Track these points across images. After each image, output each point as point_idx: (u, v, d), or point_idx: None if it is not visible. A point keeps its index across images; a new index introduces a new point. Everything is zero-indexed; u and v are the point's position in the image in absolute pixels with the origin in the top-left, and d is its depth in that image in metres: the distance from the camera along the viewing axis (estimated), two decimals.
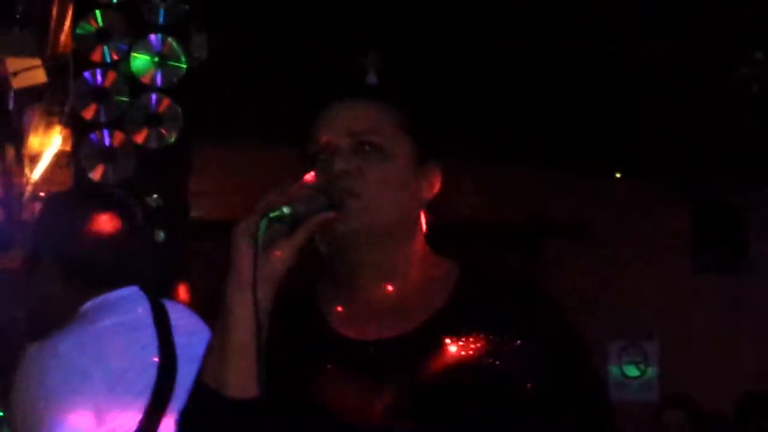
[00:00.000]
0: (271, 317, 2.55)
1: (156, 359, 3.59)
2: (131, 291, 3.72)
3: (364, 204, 2.55)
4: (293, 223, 2.49)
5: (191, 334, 3.69)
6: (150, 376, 3.56)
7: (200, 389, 2.57)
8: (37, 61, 7.27)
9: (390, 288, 2.64)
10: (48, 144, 7.82)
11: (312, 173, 2.55)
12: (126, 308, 3.65)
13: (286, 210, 2.46)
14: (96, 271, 3.68)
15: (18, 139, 8.47)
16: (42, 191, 8.14)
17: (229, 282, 2.50)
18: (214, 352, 2.56)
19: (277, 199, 2.47)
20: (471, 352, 2.55)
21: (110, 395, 3.47)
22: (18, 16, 7.29)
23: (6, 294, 6.60)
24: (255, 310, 2.47)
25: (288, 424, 2.57)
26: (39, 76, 7.35)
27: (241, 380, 2.50)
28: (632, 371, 10.70)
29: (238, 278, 2.49)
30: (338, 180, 2.54)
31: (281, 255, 2.49)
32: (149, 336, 3.62)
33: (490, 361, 2.55)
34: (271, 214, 2.45)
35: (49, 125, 7.64)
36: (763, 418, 7.31)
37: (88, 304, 3.65)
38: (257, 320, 2.47)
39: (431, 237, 2.72)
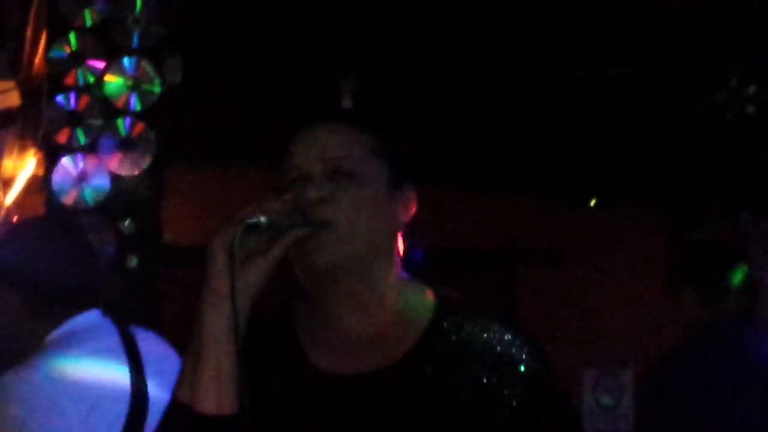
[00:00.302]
0: (246, 339, 2.53)
1: (128, 388, 3.58)
2: (98, 319, 3.73)
3: (339, 234, 2.53)
4: (270, 234, 2.47)
5: (161, 360, 3.71)
6: (123, 405, 3.56)
7: (174, 406, 2.55)
8: (11, 84, 7.24)
9: (366, 319, 2.61)
10: (21, 168, 7.76)
11: (289, 194, 2.54)
12: (95, 337, 3.65)
13: (263, 219, 2.45)
14: (57, 299, 3.64)
15: None
16: (15, 216, 8.07)
17: (204, 295, 2.48)
18: (188, 368, 2.53)
19: (254, 210, 2.46)
20: (448, 388, 2.53)
21: (83, 426, 3.45)
22: None
23: None
24: (231, 324, 2.45)
25: None
26: (12, 99, 7.32)
27: (215, 396, 2.48)
28: (607, 400, 10.69)
29: (214, 291, 2.46)
30: (312, 208, 2.52)
31: (257, 269, 2.48)
32: (120, 365, 3.61)
33: (467, 396, 2.53)
34: (248, 221, 2.43)
35: (22, 149, 7.58)
36: None
37: (55, 333, 3.64)
38: (234, 334, 2.45)
39: (407, 263, 2.70)
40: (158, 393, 3.55)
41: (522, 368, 2.58)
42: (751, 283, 5.49)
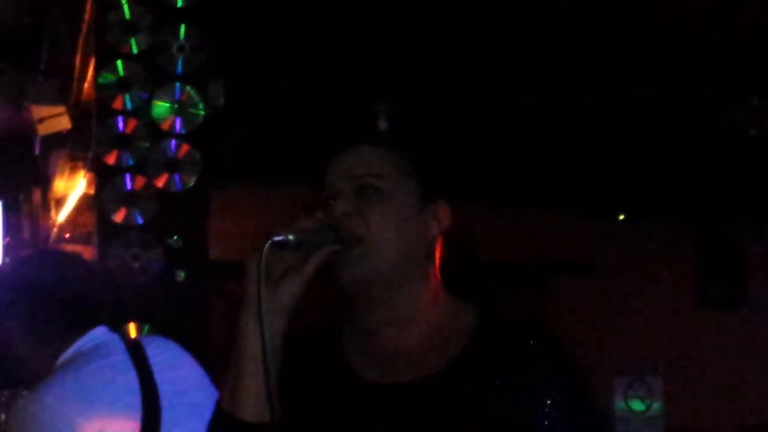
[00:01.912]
0: (294, 351, 2.60)
1: (138, 400, 3.60)
2: (105, 336, 3.73)
3: (367, 248, 2.56)
4: (301, 253, 2.51)
5: (174, 367, 3.73)
6: (135, 418, 3.57)
7: (218, 413, 2.60)
8: (62, 109, 7.32)
9: (403, 331, 2.63)
10: (72, 188, 7.83)
11: (320, 211, 2.57)
12: (103, 354, 3.65)
13: (291, 237, 2.48)
14: (61, 323, 3.68)
15: (44, 183, 8.52)
16: (67, 233, 8.17)
17: (242, 310, 2.54)
18: (230, 378, 2.58)
19: (284, 229, 2.49)
20: (486, 400, 2.55)
21: None
22: (43, 67, 7.36)
23: None
24: (262, 337, 2.48)
25: None
26: (63, 123, 7.40)
27: (255, 404, 2.53)
28: (638, 406, 10.65)
29: (247, 304, 2.52)
30: (341, 222, 2.56)
31: (292, 285, 2.52)
32: (130, 379, 3.62)
33: (505, 410, 2.55)
34: (275, 239, 2.47)
35: (73, 170, 7.67)
36: None
37: (66, 355, 3.66)
38: (265, 347, 2.49)
39: (448, 277, 2.72)
40: (171, 399, 3.61)
41: (560, 386, 2.58)
42: None
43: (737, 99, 7.61)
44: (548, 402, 2.56)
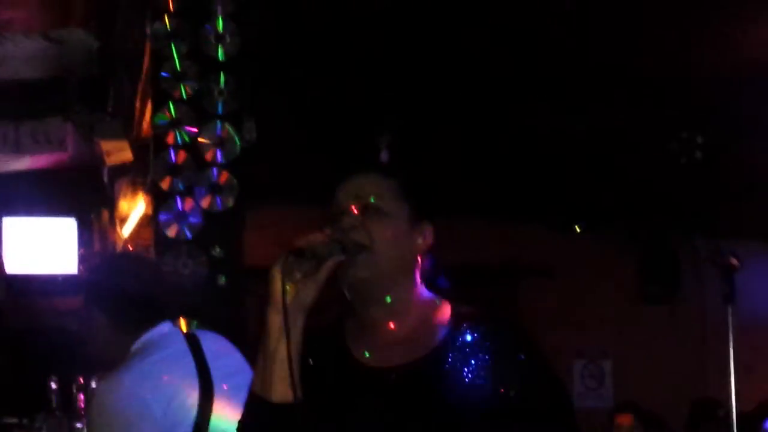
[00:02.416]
0: (308, 343, 2.57)
1: (196, 382, 3.61)
2: (169, 329, 3.76)
3: (369, 254, 2.57)
4: (314, 262, 2.50)
5: (223, 356, 3.75)
6: (194, 397, 3.58)
7: (251, 397, 2.57)
8: (125, 144, 7.31)
9: (396, 324, 2.64)
10: (134, 208, 7.81)
11: (329, 227, 2.57)
12: (167, 344, 3.68)
13: (305, 248, 2.49)
14: (136, 317, 3.69)
15: (111, 204, 8.49)
16: (130, 246, 8.13)
17: (268, 308, 2.52)
18: (260, 365, 2.56)
19: (300, 242, 2.50)
20: (464, 376, 2.55)
21: (165, 416, 3.49)
22: (110, 109, 7.35)
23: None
24: (287, 329, 2.48)
25: (316, 428, 2.55)
26: (126, 155, 7.39)
27: (282, 387, 2.51)
28: (592, 384, 10.64)
29: (273, 304, 2.51)
30: (348, 233, 2.56)
31: (308, 288, 2.51)
32: (189, 365, 3.64)
33: (480, 383, 2.55)
34: (293, 251, 2.48)
35: (134, 193, 7.64)
36: (711, 421, 7.27)
37: (137, 344, 3.68)
38: (289, 337, 2.49)
39: (429, 278, 2.73)
40: (221, 381, 3.62)
41: (522, 360, 2.59)
42: None
43: (670, 132, 7.59)
44: (517, 378, 2.56)
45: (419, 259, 2.69)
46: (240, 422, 2.62)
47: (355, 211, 2.62)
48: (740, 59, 6.72)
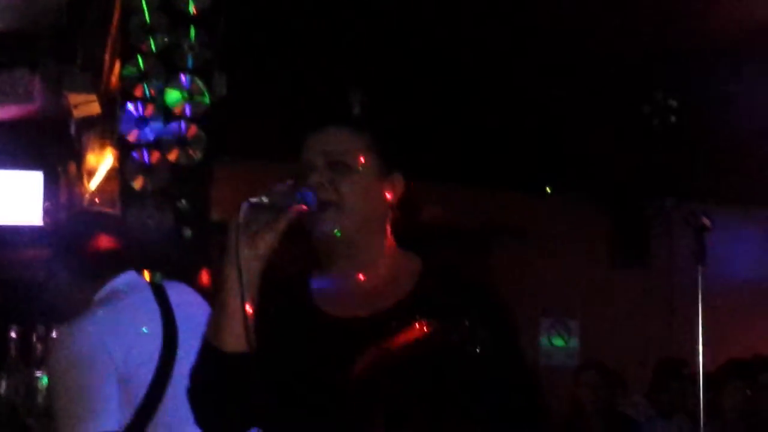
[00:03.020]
0: (270, 294, 2.57)
1: (160, 330, 3.62)
2: (134, 278, 3.77)
3: (339, 210, 2.57)
4: (275, 212, 2.48)
5: (188, 304, 3.74)
6: (157, 344, 3.58)
7: (205, 345, 2.57)
8: (93, 97, 7.25)
9: (364, 275, 2.64)
10: (102, 161, 7.76)
11: (291, 179, 2.56)
12: (131, 292, 3.68)
13: (264, 198, 2.46)
14: (99, 267, 3.70)
15: (78, 157, 8.44)
16: (97, 199, 8.08)
17: (224, 259, 2.50)
18: (214, 316, 2.55)
19: (259, 195, 2.48)
20: (430, 329, 2.55)
21: (125, 362, 3.49)
22: (78, 61, 7.29)
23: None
24: (240, 280, 2.45)
25: (274, 376, 2.56)
26: (95, 108, 7.33)
27: (234, 338, 2.49)
28: (558, 342, 10.68)
29: (229, 255, 2.48)
30: (317, 192, 2.56)
31: (265, 239, 2.48)
32: (153, 313, 3.64)
33: (445, 336, 2.55)
34: (251, 200, 2.45)
35: (102, 147, 7.59)
36: (676, 380, 7.31)
37: (101, 293, 3.69)
38: (242, 289, 2.45)
39: (403, 239, 2.73)
40: (186, 332, 3.60)
41: (488, 314, 2.61)
42: None
43: (644, 94, 7.60)
44: (481, 333, 2.57)
45: (390, 211, 2.69)
46: (192, 369, 2.61)
47: (322, 168, 2.60)
48: (711, 30, 6.74)
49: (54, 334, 4.73)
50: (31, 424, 5.31)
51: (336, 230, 2.58)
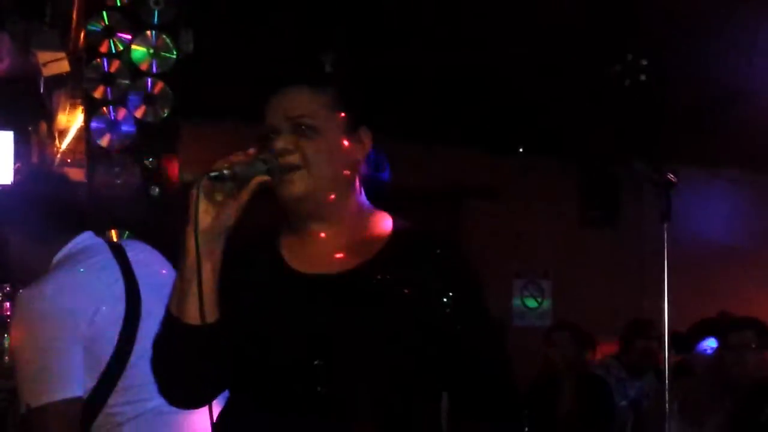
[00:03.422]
0: (235, 257, 2.51)
1: (123, 292, 3.51)
2: (91, 239, 3.65)
3: (305, 173, 2.50)
4: (236, 183, 2.42)
5: (149, 264, 3.65)
6: (120, 307, 3.47)
7: (167, 316, 2.51)
8: (62, 54, 7.15)
9: (334, 234, 2.58)
10: (73, 121, 7.67)
11: (253, 147, 2.49)
12: (91, 254, 3.57)
13: (225, 171, 2.39)
14: (52, 229, 3.59)
15: (49, 117, 8.35)
16: (68, 159, 7.98)
17: (186, 229, 2.44)
18: (176, 286, 2.49)
19: (221, 164, 2.40)
20: (399, 288, 2.50)
21: (90, 326, 3.38)
22: (47, 19, 7.18)
23: None
24: (197, 253, 2.41)
25: (246, 337, 2.51)
26: (64, 66, 7.23)
27: (194, 309, 2.44)
28: (531, 303, 10.68)
29: (190, 227, 2.43)
30: (280, 157, 2.49)
31: (228, 210, 2.43)
32: (114, 275, 3.53)
33: (414, 293, 2.50)
34: (211, 174, 2.39)
35: (73, 106, 7.49)
36: (643, 341, 7.30)
37: (59, 255, 3.57)
38: (200, 262, 2.41)
39: (378, 196, 2.68)
40: (148, 293, 3.52)
41: (459, 277, 2.56)
42: None
43: (615, 54, 7.54)
44: (449, 293, 2.52)
45: (358, 167, 2.63)
46: (155, 340, 2.55)
47: (286, 132, 2.52)
48: None
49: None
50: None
51: (302, 190, 2.51)
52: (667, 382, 4.56)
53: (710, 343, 6.45)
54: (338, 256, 2.56)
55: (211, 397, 2.54)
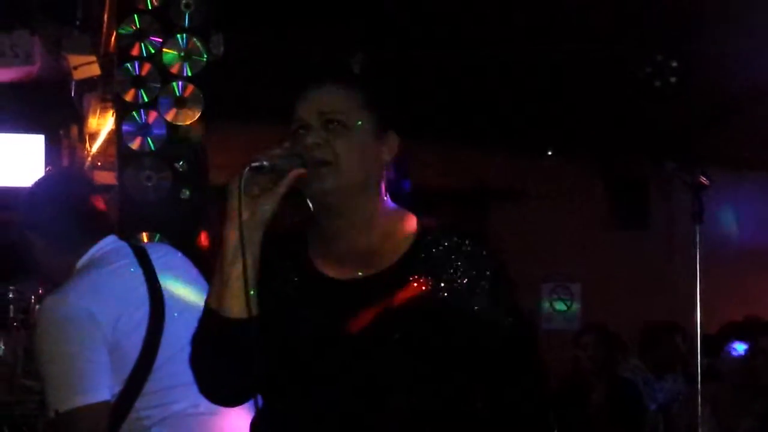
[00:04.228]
0: (267, 254, 2.50)
1: (146, 296, 3.49)
2: (114, 243, 3.62)
3: (333, 168, 2.49)
4: (274, 175, 2.43)
5: (173, 267, 3.62)
6: (144, 310, 3.45)
7: (206, 310, 2.50)
8: (93, 58, 7.17)
9: (360, 236, 2.56)
10: (103, 124, 7.68)
11: (287, 141, 2.51)
12: (113, 258, 3.55)
13: (265, 162, 2.41)
14: (75, 234, 3.56)
15: (80, 120, 8.37)
16: (99, 162, 8.00)
17: (225, 223, 2.44)
18: (216, 282, 2.48)
19: (261, 156, 2.42)
20: (429, 287, 2.48)
21: (114, 331, 3.36)
22: (78, 22, 7.19)
23: None
24: (242, 246, 2.41)
25: (276, 341, 2.49)
26: (94, 70, 7.24)
27: (237, 304, 2.44)
28: (560, 306, 10.65)
29: (230, 220, 2.43)
30: (311, 151, 2.48)
31: (265, 202, 2.44)
32: (137, 278, 3.51)
33: (444, 294, 2.49)
34: (253, 164, 2.40)
35: (104, 109, 7.50)
36: (667, 340, 7.28)
37: (83, 260, 3.55)
38: (244, 254, 2.42)
39: (401, 200, 2.66)
40: (172, 296, 3.50)
41: (488, 273, 2.53)
42: None
43: (645, 55, 7.51)
44: (479, 291, 2.51)
45: (385, 170, 2.61)
46: (194, 336, 2.54)
47: (317, 127, 2.51)
48: None
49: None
50: (30, 386, 5.25)
51: (331, 186, 2.50)
52: (699, 385, 4.52)
53: (738, 347, 6.42)
54: (367, 258, 2.55)
55: (253, 393, 2.54)
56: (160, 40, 5.59)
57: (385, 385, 2.46)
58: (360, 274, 2.53)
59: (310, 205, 2.57)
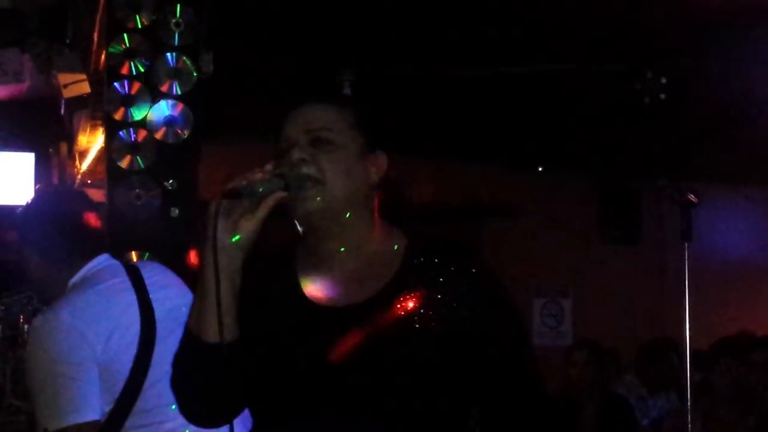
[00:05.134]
0: (253, 277, 2.49)
1: (137, 315, 3.50)
2: (107, 261, 3.64)
3: (320, 187, 2.48)
4: (253, 200, 2.40)
5: (164, 287, 3.63)
6: (135, 329, 3.47)
7: (186, 334, 2.49)
8: (83, 76, 7.18)
9: (349, 257, 2.55)
10: (93, 142, 7.69)
11: (270, 163, 2.47)
12: (105, 277, 3.56)
13: (242, 188, 2.38)
14: (69, 252, 3.59)
15: (70, 138, 8.38)
16: (88, 179, 8.01)
17: (204, 248, 2.43)
18: (195, 305, 2.47)
19: (237, 181, 2.40)
20: (421, 312, 2.46)
21: (105, 351, 3.38)
22: (68, 41, 7.21)
23: None
24: (216, 272, 2.39)
25: (263, 367, 2.49)
26: (84, 88, 7.25)
27: (211, 328, 2.43)
28: (551, 322, 10.65)
29: (209, 245, 2.41)
30: (297, 167, 2.46)
31: (245, 226, 2.41)
32: (129, 297, 3.52)
33: (438, 318, 2.46)
34: (228, 191, 2.38)
35: (93, 127, 7.52)
36: (662, 356, 7.29)
37: (75, 278, 3.57)
38: (218, 281, 2.40)
39: (392, 216, 2.64)
40: (163, 316, 3.51)
41: (482, 292, 2.51)
42: None
43: (635, 72, 7.52)
44: (475, 308, 2.48)
45: (374, 190, 2.60)
46: (175, 357, 2.54)
47: (304, 144, 2.50)
48: (697, 5, 6.69)
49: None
50: (18, 406, 5.25)
51: (317, 205, 2.48)
52: (690, 401, 4.53)
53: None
54: (356, 281, 2.53)
55: (231, 416, 2.50)
56: (150, 59, 5.61)
57: (373, 414, 2.44)
58: (350, 300, 2.50)
59: (298, 227, 2.55)
